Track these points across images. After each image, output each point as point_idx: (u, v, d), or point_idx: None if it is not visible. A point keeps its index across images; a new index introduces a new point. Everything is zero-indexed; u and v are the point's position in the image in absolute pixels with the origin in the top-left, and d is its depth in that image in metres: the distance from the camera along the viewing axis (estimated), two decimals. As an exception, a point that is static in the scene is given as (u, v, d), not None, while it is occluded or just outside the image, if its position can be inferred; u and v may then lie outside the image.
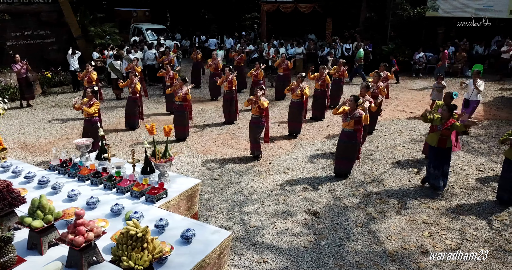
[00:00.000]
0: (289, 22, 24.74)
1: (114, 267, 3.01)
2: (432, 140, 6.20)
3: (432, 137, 6.23)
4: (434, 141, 6.16)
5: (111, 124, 10.12)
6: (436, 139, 6.13)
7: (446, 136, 6.06)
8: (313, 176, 6.97)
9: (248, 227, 5.34)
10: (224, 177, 6.91)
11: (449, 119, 6.04)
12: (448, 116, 6.04)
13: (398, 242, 5.05)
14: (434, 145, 6.15)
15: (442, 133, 6.05)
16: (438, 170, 6.24)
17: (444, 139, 6.08)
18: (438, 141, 6.10)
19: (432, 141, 6.20)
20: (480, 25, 16.02)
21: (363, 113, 6.50)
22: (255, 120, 7.53)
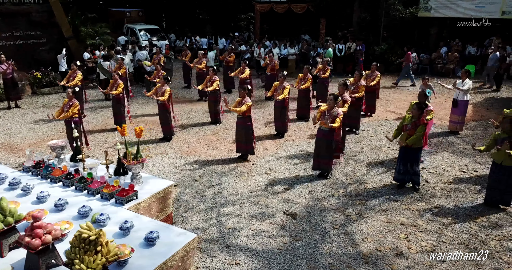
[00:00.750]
0: (283, 22, 24.73)
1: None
2: (402, 138, 6.19)
3: (402, 137, 6.22)
4: (403, 140, 6.15)
5: (98, 124, 10.09)
6: (404, 139, 6.12)
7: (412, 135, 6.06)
8: (295, 177, 6.95)
9: (224, 229, 5.31)
10: (205, 178, 6.88)
11: (419, 118, 6.04)
12: (418, 115, 6.03)
13: (373, 244, 5.02)
14: (404, 145, 6.15)
15: (409, 133, 6.05)
16: (405, 167, 6.26)
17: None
18: (405, 141, 6.10)
19: (402, 139, 6.19)
20: (480, 25, 15.99)
21: (341, 112, 6.48)
22: (241, 121, 7.50)
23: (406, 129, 6.17)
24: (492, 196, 5.86)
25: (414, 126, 6.08)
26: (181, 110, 11.32)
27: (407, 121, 6.18)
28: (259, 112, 11.21)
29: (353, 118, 9.26)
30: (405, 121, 6.22)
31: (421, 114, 6.12)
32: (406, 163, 6.30)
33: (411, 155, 6.26)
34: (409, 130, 6.12)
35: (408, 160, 6.28)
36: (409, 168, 6.29)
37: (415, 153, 6.27)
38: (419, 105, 6.13)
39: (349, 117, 9.29)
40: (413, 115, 6.16)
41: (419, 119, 6.09)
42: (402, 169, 6.37)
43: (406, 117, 6.26)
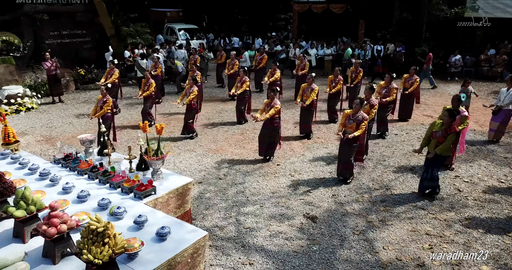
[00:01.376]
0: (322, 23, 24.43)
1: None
2: (430, 147, 5.88)
3: (431, 144, 5.89)
4: (431, 148, 5.85)
5: (132, 120, 10.44)
6: (433, 147, 5.81)
7: (441, 143, 5.72)
8: (319, 180, 6.84)
9: (242, 228, 5.32)
10: (229, 177, 6.93)
11: (450, 125, 5.70)
12: (450, 122, 5.69)
13: (394, 252, 4.83)
14: (431, 156, 5.84)
15: (439, 141, 5.72)
16: (425, 174, 5.97)
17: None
18: (434, 148, 5.78)
19: (430, 147, 5.88)
20: (480, 25, 15.06)
21: (366, 116, 6.30)
22: (268, 122, 7.47)
23: (435, 136, 5.83)
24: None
25: (445, 133, 5.75)
26: (213, 109, 11.47)
27: (437, 127, 5.86)
28: (289, 112, 11.14)
29: (381, 122, 8.96)
30: (435, 127, 5.90)
31: (453, 121, 5.78)
32: (428, 169, 6.00)
33: (436, 161, 5.94)
34: (439, 138, 5.79)
35: (431, 165, 5.97)
36: (428, 173, 5.97)
37: (440, 159, 5.96)
38: (450, 112, 5.76)
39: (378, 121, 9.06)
40: (443, 122, 5.82)
41: (450, 127, 5.76)
42: (423, 177, 6.07)
43: (436, 123, 5.95)
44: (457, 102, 6.81)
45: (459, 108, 6.81)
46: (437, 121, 6.01)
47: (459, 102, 6.81)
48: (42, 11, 14.09)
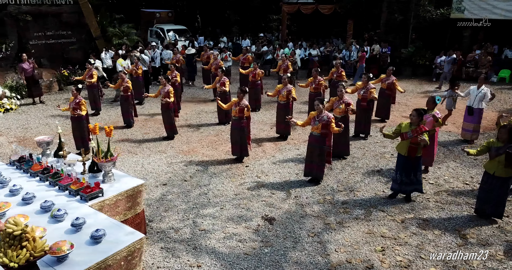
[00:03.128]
0: (312, 24, 24.44)
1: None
2: (402, 149, 5.87)
3: (401, 145, 5.89)
4: (403, 150, 5.84)
5: (110, 121, 10.44)
6: (405, 148, 5.80)
7: (416, 144, 5.72)
8: (285, 182, 6.84)
9: (197, 230, 5.32)
10: (195, 179, 6.93)
11: (419, 125, 5.71)
12: (417, 122, 5.70)
13: (345, 255, 4.83)
14: (404, 154, 5.83)
15: (412, 142, 5.71)
16: (409, 178, 5.93)
17: (414, 148, 5.74)
18: (407, 150, 5.77)
19: (402, 149, 5.87)
20: (480, 25, 15.05)
21: (331, 116, 6.31)
22: (236, 122, 7.49)
23: (406, 137, 5.80)
24: (483, 207, 5.49)
25: (416, 134, 5.72)
26: (193, 110, 11.48)
27: (406, 128, 5.84)
28: (268, 114, 11.16)
29: (363, 124, 9.00)
30: (403, 128, 5.88)
31: (420, 120, 5.78)
32: (410, 173, 5.94)
33: (414, 164, 5.92)
34: (411, 138, 5.74)
35: (412, 169, 5.94)
36: (412, 178, 5.95)
37: (417, 161, 5.95)
38: (418, 112, 5.75)
39: (358, 123, 9.08)
40: (411, 122, 5.82)
41: (419, 126, 5.76)
42: (404, 180, 5.98)
43: (403, 124, 5.93)
44: (432, 104, 6.82)
45: (433, 110, 6.81)
46: (403, 122, 6.00)
47: (434, 104, 6.82)
48: (26, 12, 14.10)
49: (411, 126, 5.75)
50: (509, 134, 5.16)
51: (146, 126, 9.92)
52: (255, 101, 11.33)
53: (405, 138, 5.76)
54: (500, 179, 5.21)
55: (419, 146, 5.75)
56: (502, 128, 5.30)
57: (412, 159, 5.82)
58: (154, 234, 5.23)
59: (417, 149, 5.75)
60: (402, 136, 5.82)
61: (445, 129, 9.75)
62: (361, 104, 8.83)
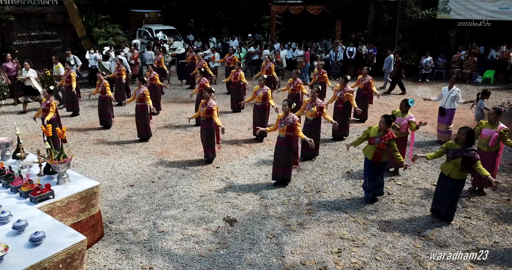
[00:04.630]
0: (302, 24, 24.47)
1: None
2: (368, 153, 5.86)
3: (368, 149, 5.87)
4: (369, 154, 5.82)
5: (88, 122, 10.42)
6: (372, 153, 5.78)
7: (382, 150, 5.69)
8: (253, 183, 6.82)
9: (156, 232, 5.30)
10: (163, 180, 6.91)
11: (387, 131, 5.68)
12: (386, 128, 5.67)
13: (300, 257, 4.82)
14: (370, 158, 5.82)
15: (379, 147, 5.69)
16: (373, 183, 5.91)
17: (380, 154, 5.72)
18: (373, 155, 5.75)
19: (368, 153, 5.86)
20: (480, 25, 15.05)
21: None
22: (204, 123, 7.47)
23: (373, 142, 5.75)
24: (437, 209, 5.49)
25: (383, 140, 5.68)
26: (173, 111, 11.46)
27: (374, 133, 5.81)
28: (249, 115, 11.10)
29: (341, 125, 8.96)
30: (371, 132, 5.86)
31: (388, 127, 5.75)
32: (374, 176, 5.93)
33: (379, 169, 5.91)
34: (378, 144, 5.71)
35: (376, 174, 5.92)
36: (375, 182, 5.94)
37: (382, 166, 5.94)
38: (387, 118, 5.70)
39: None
40: (380, 128, 5.78)
41: (387, 133, 5.70)
42: (369, 186, 5.98)
43: (372, 128, 5.91)
44: (405, 107, 6.83)
45: (407, 113, 6.81)
46: (373, 126, 5.98)
47: (407, 107, 6.83)
48: (9, 12, 14.05)
49: (379, 132, 5.72)
50: (467, 136, 5.15)
51: (123, 127, 9.89)
52: (237, 102, 11.31)
53: (372, 142, 5.75)
54: (454, 181, 5.21)
55: (385, 152, 5.74)
56: (461, 130, 5.29)
57: (377, 164, 5.81)
58: (112, 235, 5.21)
59: (382, 154, 5.74)
60: (369, 140, 5.81)
61: (422, 130, 9.75)
62: (337, 106, 8.82)
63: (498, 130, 5.96)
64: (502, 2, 15.46)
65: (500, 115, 6.10)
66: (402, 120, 6.72)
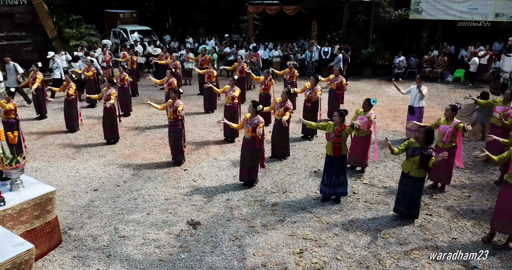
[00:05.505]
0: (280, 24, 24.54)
1: None
2: (328, 149, 5.92)
3: (327, 146, 5.94)
4: (329, 150, 5.88)
5: (55, 125, 10.16)
6: (330, 148, 5.84)
7: (339, 143, 5.77)
8: (220, 185, 6.78)
9: (116, 237, 5.20)
10: (128, 184, 6.80)
11: (341, 125, 5.78)
12: (340, 122, 5.77)
13: (262, 258, 4.81)
14: (330, 154, 5.87)
15: (334, 141, 5.76)
16: (336, 179, 5.95)
17: (338, 147, 5.79)
18: (332, 150, 5.82)
19: (328, 150, 5.92)
20: (480, 25, 15.34)
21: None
22: (172, 124, 7.39)
23: (329, 138, 5.86)
24: (399, 209, 5.57)
25: (337, 133, 5.79)
26: (144, 113, 11.30)
27: (330, 129, 5.89)
28: (222, 116, 11.05)
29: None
30: (327, 129, 5.94)
31: (343, 121, 5.85)
32: (336, 173, 5.97)
33: (340, 164, 5.95)
34: (333, 138, 5.81)
35: (338, 170, 5.97)
36: (334, 180, 5.98)
37: (343, 161, 5.98)
38: (340, 112, 5.87)
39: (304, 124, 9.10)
40: (335, 123, 5.89)
41: (340, 127, 5.82)
42: (331, 181, 6.01)
43: (329, 124, 5.98)
44: (367, 106, 6.92)
45: (369, 111, 6.89)
46: (330, 122, 6.04)
47: (370, 106, 6.91)
48: (-26, 12, 13.61)
49: (335, 127, 5.80)
50: (426, 135, 5.24)
51: (92, 130, 9.69)
52: (209, 102, 11.25)
53: (328, 138, 5.82)
54: (413, 179, 5.29)
55: (342, 144, 5.81)
56: (421, 129, 5.38)
57: (337, 159, 5.86)
58: (70, 242, 5.09)
59: (341, 148, 5.81)
60: (327, 136, 5.89)
61: (391, 128, 9.90)
62: (306, 105, 8.87)
63: (453, 125, 6.09)
64: (471, 3, 15.83)
65: (456, 112, 6.23)
66: (363, 118, 6.81)
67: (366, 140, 6.99)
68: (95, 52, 14.45)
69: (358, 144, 7.02)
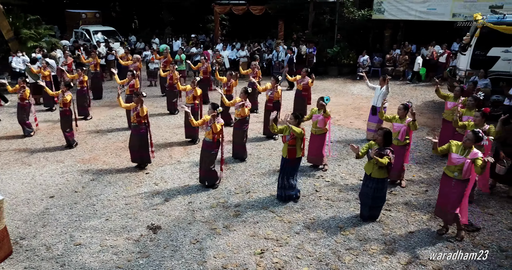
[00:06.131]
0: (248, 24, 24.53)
1: None
2: (283, 151, 5.96)
3: (283, 148, 5.98)
4: (284, 152, 5.93)
5: (11, 130, 9.71)
6: (286, 150, 5.89)
7: (294, 145, 5.83)
8: (183, 187, 6.68)
9: (72, 245, 5.02)
10: (87, 189, 6.58)
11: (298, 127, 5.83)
12: (296, 124, 5.81)
13: (222, 260, 4.77)
14: (285, 156, 5.92)
15: (290, 143, 5.81)
16: (283, 180, 6.00)
17: (293, 149, 5.84)
18: (288, 152, 5.86)
19: (283, 152, 5.96)
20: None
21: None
22: (135, 128, 7.22)
23: (285, 140, 5.91)
24: (362, 209, 5.66)
25: (293, 136, 5.81)
26: (107, 115, 11.00)
27: (286, 131, 5.93)
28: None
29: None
30: (284, 131, 5.98)
31: (298, 123, 5.89)
32: (289, 175, 6.02)
33: (294, 165, 6.00)
34: (288, 141, 5.85)
35: (292, 172, 6.02)
36: (285, 182, 6.02)
37: (296, 163, 6.02)
38: (295, 115, 5.91)
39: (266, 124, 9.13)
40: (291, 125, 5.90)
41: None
42: (286, 184, 6.06)
43: (285, 127, 6.01)
44: (320, 105, 7.00)
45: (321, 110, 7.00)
46: (286, 126, 6.07)
47: (323, 105, 7.00)
48: None
49: (290, 130, 5.83)
50: (384, 137, 5.33)
51: (50, 134, 9.33)
52: (173, 104, 11.08)
53: (284, 141, 5.88)
54: (375, 181, 5.36)
55: (297, 147, 5.87)
56: (379, 131, 5.49)
57: (291, 161, 5.90)
58: (22, 252, 4.87)
59: (295, 150, 5.86)
60: (283, 139, 5.96)
61: (355, 126, 10.09)
62: (267, 105, 8.90)
63: (406, 123, 6.28)
64: (430, 3, 16.37)
65: (408, 110, 6.41)
66: (318, 116, 6.92)
67: (322, 138, 7.11)
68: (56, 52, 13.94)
69: (315, 143, 7.14)
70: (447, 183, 5.06)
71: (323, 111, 6.95)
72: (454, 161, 4.92)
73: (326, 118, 6.96)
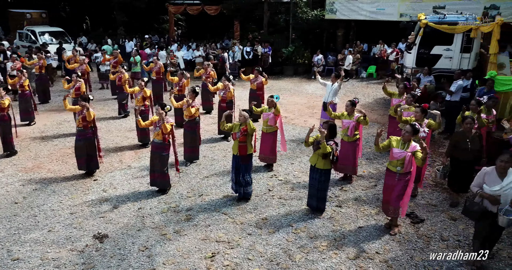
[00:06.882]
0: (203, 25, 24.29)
1: None
2: (234, 148, 5.95)
3: (234, 145, 5.97)
4: (235, 150, 5.91)
5: None
6: (237, 148, 5.88)
7: (244, 142, 5.84)
8: (132, 193, 6.47)
9: (9, 261, 4.71)
10: (28, 199, 6.21)
11: (246, 125, 5.85)
12: (245, 122, 5.83)
13: (172, 266, 4.65)
14: (236, 153, 5.91)
15: (240, 140, 5.81)
16: (238, 177, 5.99)
17: (243, 146, 5.86)
18: (238, 149, 5.86)
19: (234, 149, 5.95)
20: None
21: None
22: (81, 133, 6.89)
23: (235, 138, 5.90)
24: (311, 203, 5.77)
25: (243, 133, 5.82)
26: (54, 120, 10.47)
27: (236, 129, 5.92)
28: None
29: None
30: (234, 129, 5.97)
31: (245, 121, 5.90)
32: (242, 172, 6.01)
33: (245, 162, 5.97)
34: (239, 138, 5.84)
35: (244, 169, 6.00)
36: (240, 179, 6.00)
37: (248, 160, 6.01)
38: (244, 112, 5.91)
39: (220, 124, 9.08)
40: (240, 122, 5.94)
41: (245, 126, 5.87)
42: (235, 179, 6.08)
43: (235, 124, 6.01)
44: (271, 103, 7.05)
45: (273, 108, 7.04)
46: (235, 123, 6.07)
47: (273, 103, 7.05)
48: None
49: (240, 126, 5.85)
50: (329, 129, 5.45)
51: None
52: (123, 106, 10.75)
53: (235, 138, 5.88)
54: (319, 172, 5.49)
55: (248, 143, 5.90)
56: (324, 124, 5.60)
57: (243, 158, 5.90)
58: (-49, 272, 4.51)
59: (246, 147, 5.88)
60: (233, 136, 5.96)
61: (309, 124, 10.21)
62: (220, 105, 8.84)
63: (354, 119, 6.46)
64: (379, 4, 16.95)
65: (355, 106, 6.60)
66: (269, 114, 6.98)
67: (273, 135, 7.15)
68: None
69: (266, 141, 7.18)
70: (391, 178, 5.23)
71: (274, 108, 6.99)
72: (396, 156, 5.09)
73: (276, 116, 7.01)
